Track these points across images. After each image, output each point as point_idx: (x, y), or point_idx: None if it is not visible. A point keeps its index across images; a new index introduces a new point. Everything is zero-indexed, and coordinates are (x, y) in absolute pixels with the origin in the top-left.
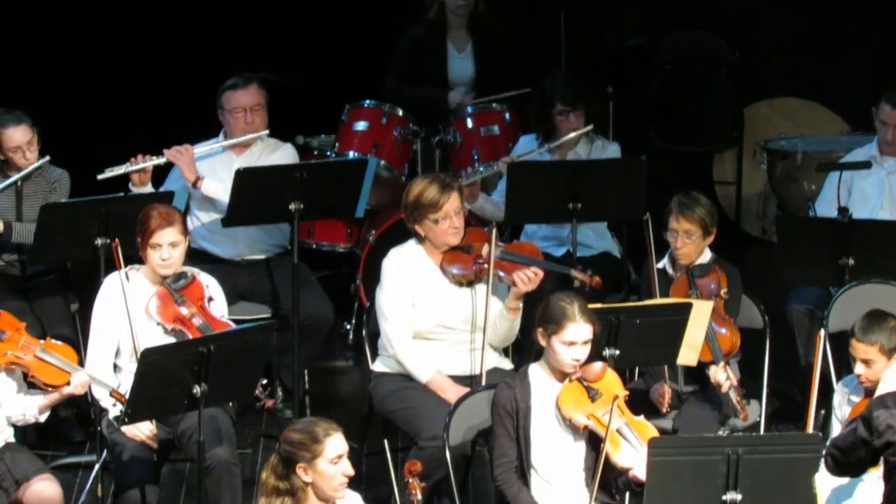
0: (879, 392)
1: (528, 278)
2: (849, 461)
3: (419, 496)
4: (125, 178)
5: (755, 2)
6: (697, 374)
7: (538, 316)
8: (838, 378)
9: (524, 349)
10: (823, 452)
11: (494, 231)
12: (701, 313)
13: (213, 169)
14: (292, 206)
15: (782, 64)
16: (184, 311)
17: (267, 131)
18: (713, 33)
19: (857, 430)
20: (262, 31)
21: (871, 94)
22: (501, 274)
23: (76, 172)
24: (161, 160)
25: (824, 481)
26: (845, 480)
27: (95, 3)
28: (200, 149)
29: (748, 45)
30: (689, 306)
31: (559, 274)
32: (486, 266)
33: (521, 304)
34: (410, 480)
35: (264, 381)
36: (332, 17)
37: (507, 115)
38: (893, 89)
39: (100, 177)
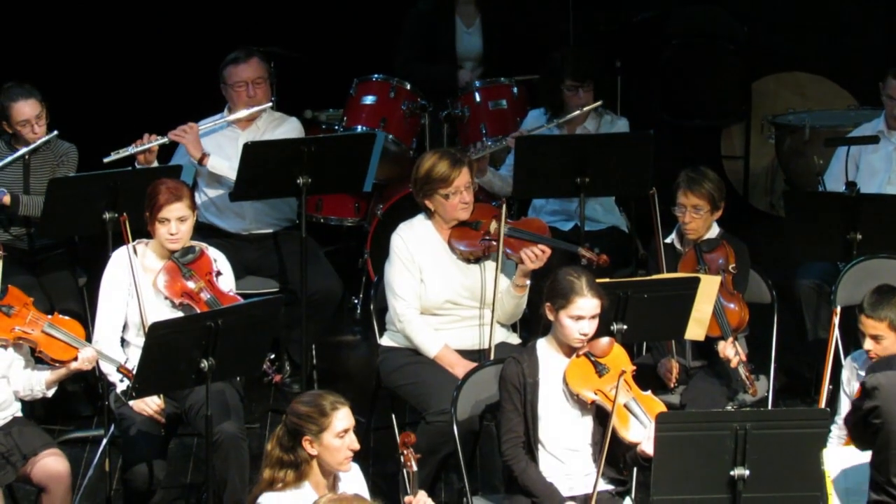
0: None
1: (536, 256)
2: (866, 434)
3: (414, 466)
4: (131, 157)
5: None
6: (705, 349)
7: (546, 290)
8: (846, 353)
9: (532, 324)
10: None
11: (504, 208)
12: (709, 288)
13: (218, 145)
14: (300, 181)
15: (790, 38)
16: (191, 285)
17: (271, 104)
18: (721, 7)
19: (863, 403)
20: (269, 4)
21: (879, 68)
22: (509, 251)
23: (82, 149)
24: (165, 140)
25: (833, 457)
26: (855, 458)
27: None
28: (205, 125)
29: (756, 20)
30: (696, 281)
31: (567, 251)
32: (494, 243)
33: (528, 282)
34: (405, 451)
35: (272, 356)
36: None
37: (515, 90)
38: (891, 68)
39: (106, 160)
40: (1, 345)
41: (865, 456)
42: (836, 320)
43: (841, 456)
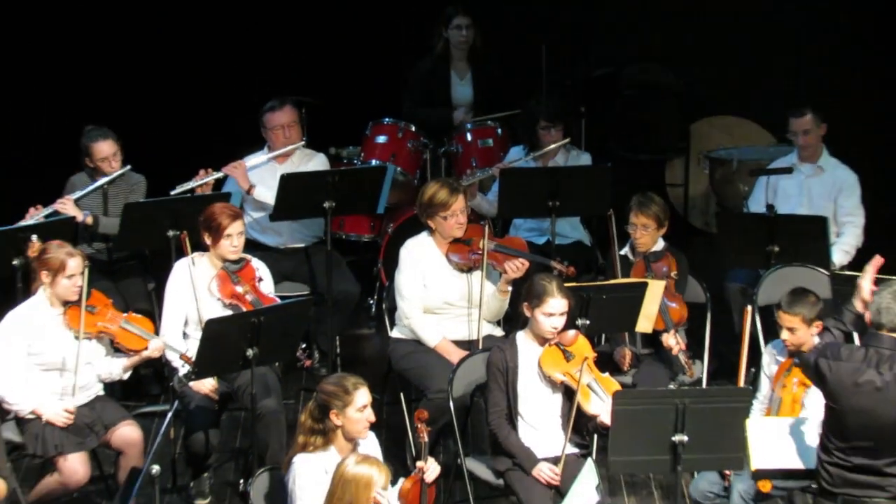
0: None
1: (517, 267)
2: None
3: (426, 438)
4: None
5: (695, 38)
6: (652, 340)
7: (524, 293)
8: (766, 342)
9: (513, 320)
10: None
11: (486, 229)
12: (655, 290)
13: (261, 177)
14: (326, 205)
15: (719, 88)
16: (239, 289)
17: (303, 142)
18: (663, 65)
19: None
20: (300, 61)
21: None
22: (494, 263)
23: (149, 179)
24: (220, 174)
25: (753, 425)
26: (772, 426)
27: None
28: (250, 161)
29: (691, 74)
30: (645, 285)
31: (541, 263)
32: (481, 257)
33: (510, 287)
34: (419, 425)
35: (304, 346)
36: (359, 51)
37: (500, 130)
38: (795, 106)
39: (172, 193)
40: (86, 337)
41: (782, 426)
42: (750, 316)
43: (760, 424)
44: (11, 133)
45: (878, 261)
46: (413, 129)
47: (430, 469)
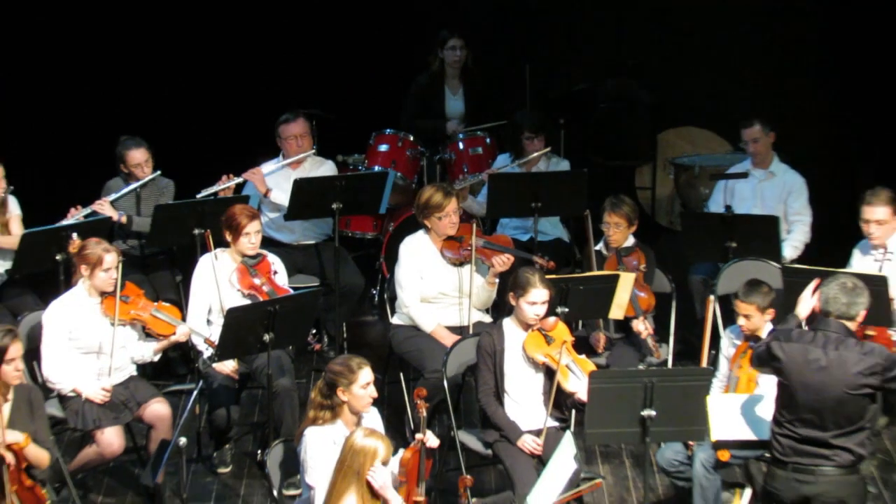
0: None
1: (503, 261)
2: (763, 368)
3: (424, 413)
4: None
5: (662, 57)
6: (624, 325)
7: (509, 284)
8: (725, 327)
9: (500, 308)
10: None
11: (474, 227)
12: (626, 282)
13: (276, 182)
14: (334, 206)
15: (684, 102)
16: (257, 281)
17: (314, 150)
18: (634, 81)
19: (767, 359)
20: (313, 79)
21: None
22: (483, 258)
23: (176, 182)
24: (241, 179)
25: (713, 401)
26: (730, 402)
27: (190, 69)
28: (267, 167)
29: (659, 89)
30: (617, 277)
31: (526, 258)
32: (471, 252)
33: (497, 279)
34: (417, 402)
35: (314, 331)
36: (363, 69)
37: (488, 140)
38: (746, 118)
39: (198, 196)
40: (121, 324)
41: (738, 402)
42: (712, 305)
43: (720, 398)
44: (54, 140)
45: (816, 283)
46: (411, 138)
47: (428, 440)
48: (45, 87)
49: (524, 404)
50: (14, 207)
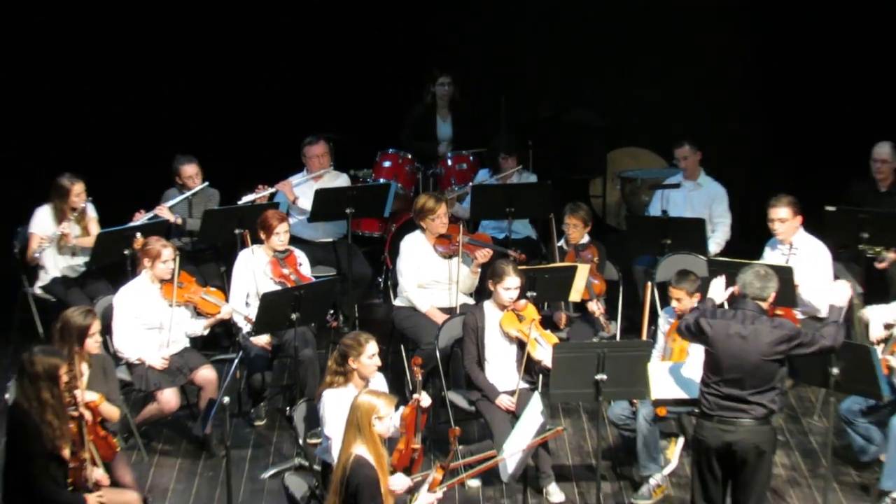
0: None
1: (484, 255)
2: (692, 339)
3: (419, 377)
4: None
5: (609, 91)
6: (580, 306)
7: (489, 273)
8: (661, 308)
9: (481, 292)
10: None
11: (461, 227)
12: (582, 271)
13: (302, 191)
14: (347, 210)
15: (628, 127)
16: (285, 271)
17: (331, 166)
18: (590, 110)
19: (695, 332)
20: (330, 109)
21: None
22: (468, 252)
23: (221, 191)
24: (274, 189)
25: (653, 367)
26: (665, 368)
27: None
28: (294, 180)
29: (610, 116)
30: (575, 267)
31: (502, 252)
32: (459, 248)
33: (479, 269)
34: (415, 368)
35: (332, 311)
36: (370, 101)
37: (471, 158)
38: (678, 140)
39: (239, 202)
40: (177, 305)
41: (678, 365)
42: (650, 290)
43: (658, 364)
44: (121, 157)
45: (723, 277)
46: (409, 156)
47: (423, 399)
48: (115, 115)
49: (501, 370)
50: (91, 213)
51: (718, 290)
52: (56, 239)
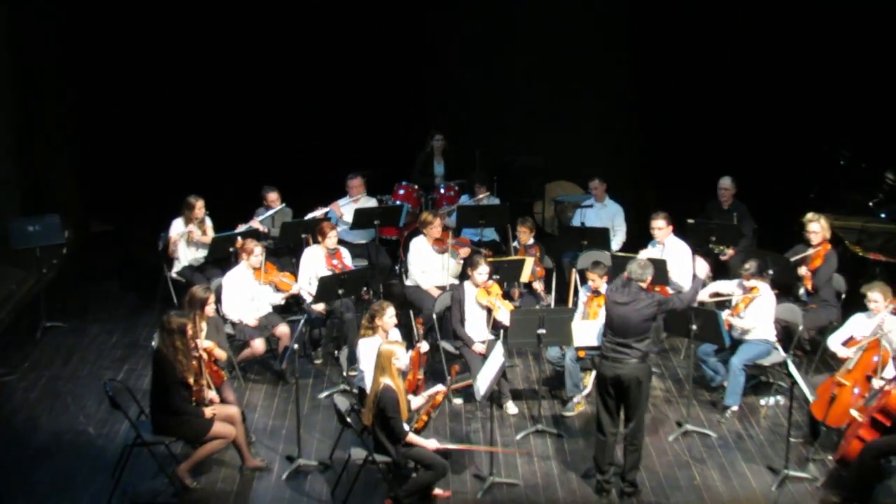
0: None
1: (465, 252)
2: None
3: (422, 331)
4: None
5: (545, 140)
6: (528, 285)
7: (468, 264)
8: (581, 285)
9: (463, 276)
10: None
11: (450, 233)
12: (529, 262)
13: (346, 210)
14: (375, 222)
15: (559, 167)
16: (335, 262)
17: (365, 192)
18: (537, 155)
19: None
20: (364, 155)
21: (593, 176)
22: (454, 250)
23: (294, 210)
24: (328, 209)
25: (575, 324)
26: (584, 323)
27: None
28: (341, 202)
29: (548, 161)
30: (524, 260)
31: (476, 250)
32: (448, 247)
33: (462, 261)
34: (418, 325)
35: (365, 288)
36: (391, 148)
37: (456, 188)
38: (590, 176)
39: (305, 217)
40: (264, 284)
41: (588, 325)
42: (573, 275)
43: (578, 323)
44: (229, 186)
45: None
46: (416, 187)
47: (423, 346)
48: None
49: (475, 327)
50: (209, 223)
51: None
52: (184, 235)
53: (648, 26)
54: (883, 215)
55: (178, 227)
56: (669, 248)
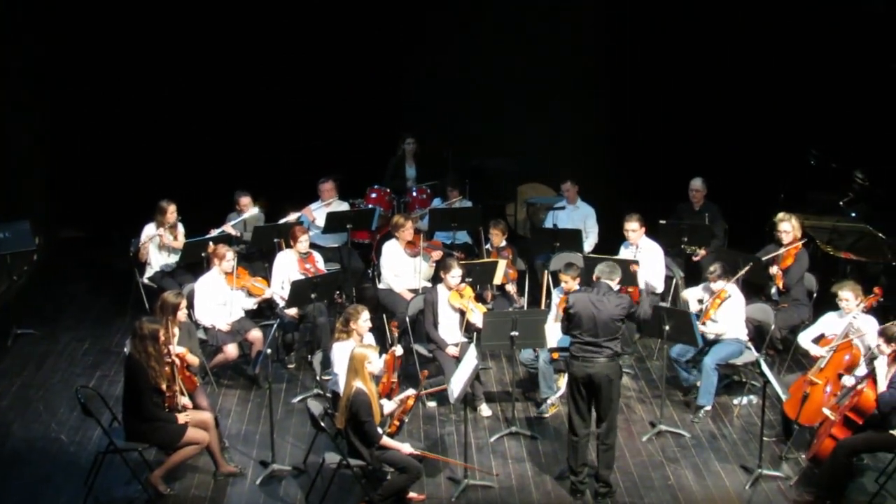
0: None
1: (437, 255)
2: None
3: (396, 334)
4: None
5: (518, 144)
6: (501, 287)
7: (440, 266)
8: (554, 287)
9: (436, 279)
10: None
11: (422, 236)
12: (501, 264)
13: (319, 214)
14: (348, 226)
15: (531, 169)
16: (307, 266)
17: (336, 196)
18: (507, 158)
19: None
20: (336, 159)
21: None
22: (426, 253)
23: (266, 216)
24: (300, 214)
25: (548, 326)
26: (557, 326)
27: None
28: (313, 206)
29: (521, 163)
30: (496, 262)
31: (449, 253)
32: (420, 250)
33: (434, 264)
34: (392, 328)
35: (338, 292)
36: (364, 153)
37: (429, 191)
38: (563, 178)
39: (279, 222)
40: (236, 289)
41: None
42: (546, 276)
43: (551, 325)
44: (202, 192)
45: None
46: (388, 190)
47: (398, 350)
48: (198, 163)
49: (449, 329)
50: (180, 228)
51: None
52: (154, 238)
53: (619, 29)
54: (853, 214)
55: (149, 231)
56: (643, 250)
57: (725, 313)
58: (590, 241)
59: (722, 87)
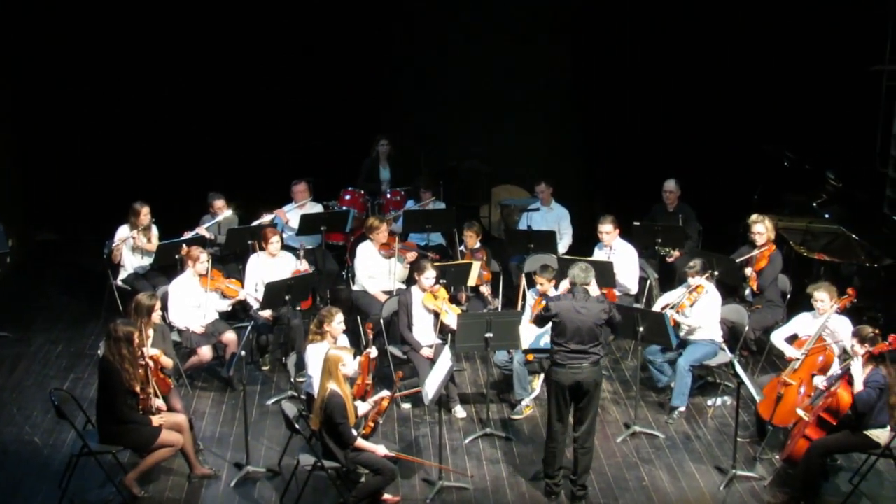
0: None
1: (411, 256)
2: (540, 322)
3: (371, 336)
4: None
5: (492, 146)
6: (475, 289)
7: (414, 268)
8: (529, 289)
9: (410, 280)
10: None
11: (396, 238)
12: (476, 266)
13: (292, 215)
14: (322, 228)
15: (505, 171)
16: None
17: (311, 198)
18: (479, 159)
19: (546, 314)
20: (308, 163)
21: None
22: (401, 255)
23: (240, 218)
24: (274, 215)
25: (523, 328)
26: (531, 328)
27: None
28: (287, 208)
29: (494, 165)
30: (471, 264)
31: (423, 254)
32: (395, 251)
33: (408, 265)
34: (367, 330)
35: (312, 294)
36: (338, 156)
37: (403, 193)
38: (537, 180)
39: (252, 224)
40: (210, 291)
41: (544, 331)
42: (521, 278)
43: (526, 326)
44: (176, 194)
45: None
46: (362, 192)
47: (372, 352)
48: (173, 166)
49: (423, 331)
50: (154, 231)
51: (562, 286)
52: (126, 240)
53: (593, 31)
54: (827, 216)
55: (123, 233)
56: (617, 252)
57: (700, 309)
58: (564, 243)
59: (695, 88)
